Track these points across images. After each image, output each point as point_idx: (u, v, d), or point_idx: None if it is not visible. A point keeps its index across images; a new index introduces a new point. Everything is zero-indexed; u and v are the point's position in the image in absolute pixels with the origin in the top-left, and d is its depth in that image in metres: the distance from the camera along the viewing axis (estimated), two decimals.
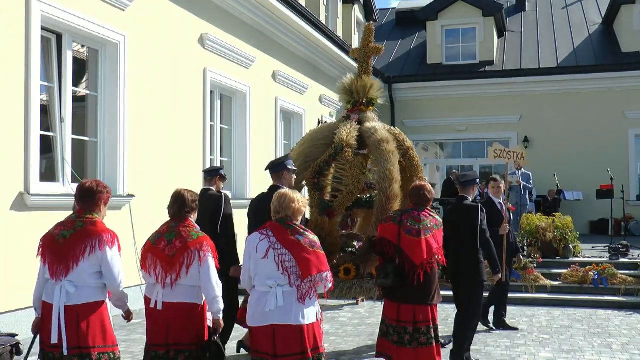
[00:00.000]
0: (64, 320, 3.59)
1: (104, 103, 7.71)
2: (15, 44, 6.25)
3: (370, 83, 6.33)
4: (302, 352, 3.67)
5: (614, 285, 9.15)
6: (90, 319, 3.68)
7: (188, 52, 9.21)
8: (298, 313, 3.68)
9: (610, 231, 13.31)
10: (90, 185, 3.96)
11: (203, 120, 9.60)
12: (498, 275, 5.88)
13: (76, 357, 3.60)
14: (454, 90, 18.44)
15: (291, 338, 3.66)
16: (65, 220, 3.89)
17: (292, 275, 3.67)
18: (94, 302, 3.73)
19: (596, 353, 6.29)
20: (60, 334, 3.58)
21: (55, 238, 3.78)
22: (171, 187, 9.13)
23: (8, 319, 6.08)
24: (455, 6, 19.00)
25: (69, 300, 3.62)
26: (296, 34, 12.54)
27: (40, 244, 3.85)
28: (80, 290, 3.66)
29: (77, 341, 3.60)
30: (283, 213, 3.83)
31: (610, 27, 19.17)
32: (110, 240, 3.78)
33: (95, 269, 3.71)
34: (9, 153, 6.16)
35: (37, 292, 3.82)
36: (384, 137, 5.78)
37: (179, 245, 3.90)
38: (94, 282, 3.73)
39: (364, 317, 7.90)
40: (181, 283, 3.89)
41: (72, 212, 3.98)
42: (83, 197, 3.92)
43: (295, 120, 13.52)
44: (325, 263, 3.79)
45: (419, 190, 5.10)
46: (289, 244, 3.71)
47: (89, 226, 3.78)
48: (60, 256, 3.68)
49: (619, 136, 17.12)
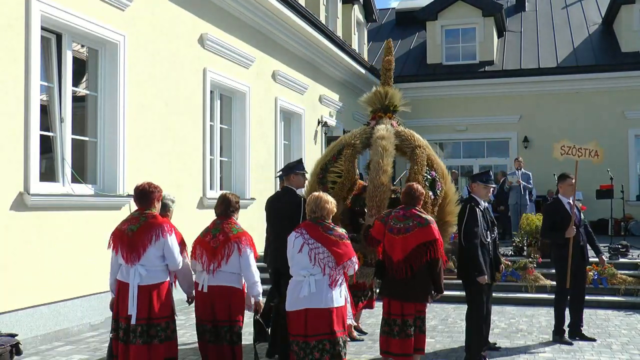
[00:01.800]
0: (137, 296, 4.46)
1: (103, 103, 7.71)
2: (15, 44, 6.25)
3: (390, 92, 6.86)
4: (330, 333, 4.26)
5: (614, 285, 9.15)
6: (157, 295, 4.55)
7: (188, 52, 9.21)
8: (328, 297, 4.30)
9: (610, 231, 13.31)
10: (144, 187, 4.80)
11: (203, 120, 9.60)
12: (481, 277, 5.61)
13: (144, 325, 4.45)
14: (454, 90, 18.44)
15: (321, 320, 4.28)
16: (129, 217, 4.79)
17: (325, 266, 4.32)
18: (161, 282, 4.62)
19: (596, 353, 6.29)
20: (133, 307, 4.46)
21: (125, 232, 4.64)
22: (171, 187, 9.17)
23: (8, 319, 6.08)
24: (455, 6, 18.99)
25: (141, 281, 4.51)
26: (296, 34, 12.54)
27: (110, 237, 4.73)
28: (150, 273, 4.55)
29: (147, 313, 4.48)
30: (318, 213, 4.51)
31: (610, 27, 19.17)
32: (168, 229, 4.64)
33: (160, 253, 4.59)
34: (9, 153, 6.15)
35: (112, 277, 4.75)
36: (381, 135, 6.37)
37: (222, 239, 4.77)
38: (160, 264, 4.61)
39: (364, 317, 7.90)
40: (222, 270, 4.74)
41: (135, 210, 4.84)
42: (141, 198, 4.79)
43: (295, 120, 13.52)
44: (352, 250, 4.47)
45: (408, 190, 5.39)
46: (321, 239, 4.36)
47: (150, 219, 4.65)
48: (132, 245, 4.55)
49: (618, 136, 17.11)
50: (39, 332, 6.46)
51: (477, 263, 5.61)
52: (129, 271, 4.55)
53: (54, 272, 6.65)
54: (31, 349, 6.25)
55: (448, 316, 8.17)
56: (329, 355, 4.29)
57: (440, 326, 7.57)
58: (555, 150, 6.90)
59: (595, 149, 6.87)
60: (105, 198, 7.44)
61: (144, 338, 4.47)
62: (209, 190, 9.66)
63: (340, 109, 15.99)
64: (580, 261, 6.79)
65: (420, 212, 5.27)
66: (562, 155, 6.89)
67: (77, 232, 6.98)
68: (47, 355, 6.07)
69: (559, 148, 6.87)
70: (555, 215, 6.83)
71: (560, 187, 6.95)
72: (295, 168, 6.09)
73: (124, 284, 4.57)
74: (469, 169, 18.49)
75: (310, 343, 4.28)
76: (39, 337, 6.45)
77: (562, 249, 6.75)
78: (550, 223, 6.89)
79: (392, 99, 6.83)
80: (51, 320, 6.62)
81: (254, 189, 11.05)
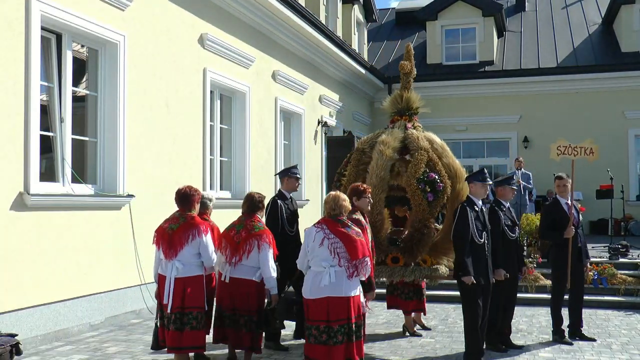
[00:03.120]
0: (173, 288, 5.06)
1: (103, 103, 7.70)
2: (15, 44, 6.25)
3: (405, 96, 7.22)
4: (347, 318, 4.70)
5: (614, 285, 9.16)
6: (192, 287, 5.13)
7: (188, 52, 9.21)
8: (347, 287, 4.71)
9: (610, 231, 13.30)
10: (186, 191, 5.33)
11: (203, 120, 9.60)
12: (465, 277, 5.64)
13: (178, 314, 5.06)
14: (454, 90, 18.43)
15: (340, 307, 4.69)
16: (171, 216, 5.34)
17: (342, 259, 4.69)
18: (195, 275, 5.19)
19: (596, 353, 6.29)
20: (169, 297, 5.07)
21: (166, 230, 5.21)
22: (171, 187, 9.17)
23: (8, 319, 6.07)
24: (455, 6, 18.99)
25: (178, 274, 5.10)
26: (296, 34, 12.53)
27: (155, 234, 5.31)
28: (186, 267, 5.13)
29: (181, 302, 5.06)
30: (337, 210, 4.89)
31: (610, 27, 19.17)
32: (205, 230, 5.18)
33: (196, 251, 5.15)
34: (9, 153, 6.15)
35: (155, 269, 5.36)
36: (382, 139, 6.75)
37: (244, 235, 5.33)
38: (195, 261, 5.19)
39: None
40: (243, 263, 5.30)
41: (176, 210, 5.36)
42: (182, 200, 5.32)
43: (295, 120, 13.52)
44: (367, 249, 4.84)
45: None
46: (340, 235, 4.74)
47: (189, 220, 5.21)
48: (171, 243, 5.12)
49: (618, 136, 17.11)
50: (39, 332, 6.46)
51: (461, 262, 5.66)
52: (167, 265, 5.15)
53: (54, 272, 6.64)
54: (31, 349, 6.25)
55: (448, 316, 8.17)
56: (346, 337, 4.72)
57: (441, 326, 7.57)
58: (552, 151, 6.91)
59: (590, 146, 6.89)
60: (105, 198, 7.44)
61: (177, 325, 5.07)
62: (209, 190, 9.66)
63: (340, 109, 15.99)
64: (578, 262, 6.81)
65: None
66: (558, 156, 6.90)
67: (77, 232, 6.98)
68: (47, 355, 6.07)
69: (555, 148, 6.89)
70: (554, 216, 6.85)
71: (556, 188, 6.99)
72: (289, 171, 6.55)
73: (162, 276, 5.21)
74: (469, 169, 18.34)
75: (333, 327, 4.70)
76: (39, 337, 6.45)
77: (560, 250, 6.76)
78: (548, 223, 6.90)
79: (407, 102, 7.14)
80: (51, 320, 6.62)
81: (253, 189, 10.97)
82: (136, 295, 7.88)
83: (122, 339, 6.80)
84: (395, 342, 6.77)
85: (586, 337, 6.84)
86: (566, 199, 6.86)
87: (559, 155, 6.90)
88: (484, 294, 5.82)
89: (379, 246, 6.36)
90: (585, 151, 6.87)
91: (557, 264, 6.82)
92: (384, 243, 6.51)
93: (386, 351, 6.39)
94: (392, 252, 6.48)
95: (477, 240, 5.72)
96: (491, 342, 6.33)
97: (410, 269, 6.41)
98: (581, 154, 6.87)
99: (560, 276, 6.82)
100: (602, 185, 13.51)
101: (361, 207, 5.55)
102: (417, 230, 6.44)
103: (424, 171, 6.42)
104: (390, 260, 6.46)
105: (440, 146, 6.83)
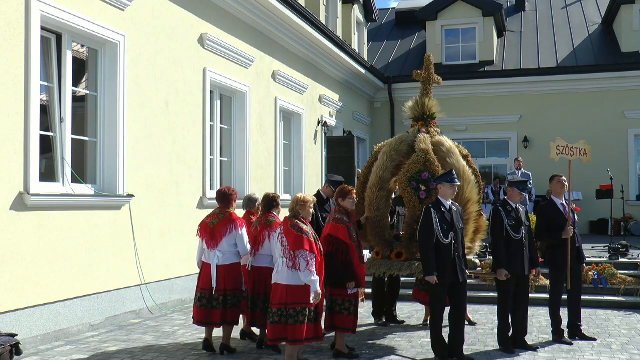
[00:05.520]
0: (216, 273, 6.08)
1: (103, 103, 7.70)
2: (15, 44, 6.25)
3: (420, 102, 7.59)
4: (284, 303, 5.41)
5: (614, 285, 9.15)
6: (230, 273, 6.16)
7: (188, 52, 9.21)
8: (288, 275, 5.42)
9: (610, 231, 13.31)
10: (225, 191, 6.38)
11: (203, 120, 9.60)
12: (429, 277, 5.77)
13: (222, 295, 6.08)
14: (454, 90, 18.40)
15: (278, 291, 5.47)
16: (212, 213, 6.36)
17: (285, 251, 5.43)
18: (233, 263, 6.20)
19: (596, 353, 6.29)
20: (215, 281, 6.07)
21: (208, 224, 6.24)
22: (171, 187, 9.15)
23: (8, 319, 6.07)
24: (455, 6, 18.99)
25: (219, 261, 6.11)
26: (296, 34, 12.53)
27: (198, 228, 6.34)
28: (225, 256, 6.15)
29: (224, 285, 6.10)
30: (292, 212, 5.63)
31: (610, 27, 19.17)
32: (240, 225, 6.20)
33: (233, 242, 6.17)
34: (9, 153, 6.15)
35: (198, 257, 6.39)
36: (387, 142, 7.43)
37: (259, 229, 6.26)
38: (233, 250, 6.19)
39: (364, 317, 7.90)
40: (260, 253, 6.23)
41: (217, 207, 6.38)
42: (222, 199, 6.34)
43: (295, 120, 13.52)
44: (303, 245, 5.37)
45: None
46: (286, 231, 5.51)
47: (228, 216, 6.22)
48: (212, 235, 6.16)
49: (618, 136, 17.11)
50: (39, 332, 6.46)
51: (424, 262, 5.86)
52: (209, 254, 6.16)
53: (54, 272, 6.65)
54: (31, 349, 6.25)
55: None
56: (284, 319, 5.44)
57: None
58: (552, 150, 6.92)
59: (584, 147, 6.92)
60: (105, 198, 7.44)
61: (221, 304, 6.08)
62: (209, 190, 9.65)
63: (340, 109, 15.99)
64: (577, 262, 6.82)
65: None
66: (557, 155, 6.91)
67: (77, 232, 6.98)
68: (47, 355, 6.07)
69: (554, 148, 6.90)
70: (550, 216, 6.83)
71: (552, 188, 6.88)
72: (329, 180, 7.65)
73: (206, 264, 6.21)
74: None
75: (272, 309, 5.51)
76: (39, 337, 6.45)
77: (557, 250, 6.75)
78: (545, 224, 6.87)
79: (423, 108, 7.57)
80: (51, 320, 6.62)
81: (253, 189, 11.03)
82: (136, 295, 7.88)
83: (122, 339, 6.80)
84: (395, 342, 6.77)
85: (586, 336, 6.83)
86: (561, 200, 6.83)
87: (558, 154, 6.91)
88: (452, 292, 5.97)
89: (384, 242, 6.96)
90: (580, 152, 6.90)
91: (555, 265, 6.81)
92: (389, 239, 7.02)
93: (386, 351, 6.39)
94: (396, 248, 6.94)
95: (443, 240, 5.82)
96: (503, 343, 6.36)
97: (407, 264, 6.75)
98: (577, 154, 6.91)
99: (558, 277, 6.82)
100: (602, 185, 13.51)
101: (346, 206, 6.18)
102: (410, 226, 6.76)
103: (418, 170, 6.76)
104: (395, 255, 6.90)
105: (447, 148, 7.06)
